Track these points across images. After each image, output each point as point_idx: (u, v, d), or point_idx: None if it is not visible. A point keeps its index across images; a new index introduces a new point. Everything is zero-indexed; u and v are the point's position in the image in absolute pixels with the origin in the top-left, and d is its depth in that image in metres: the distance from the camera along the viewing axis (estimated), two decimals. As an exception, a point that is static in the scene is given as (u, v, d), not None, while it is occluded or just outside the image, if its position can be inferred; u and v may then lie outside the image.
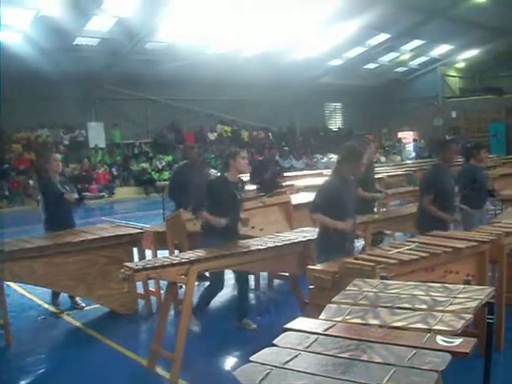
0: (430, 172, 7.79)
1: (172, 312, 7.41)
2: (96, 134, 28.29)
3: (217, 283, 6.85)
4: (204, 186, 7.02)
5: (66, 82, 24.62)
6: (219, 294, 7.06)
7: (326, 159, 32.04)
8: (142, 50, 26.21)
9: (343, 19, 26.55)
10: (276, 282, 9.17)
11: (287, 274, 7.56)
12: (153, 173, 27.64)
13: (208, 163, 27.92)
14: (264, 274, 9.14)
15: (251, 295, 8.72)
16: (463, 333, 3.11)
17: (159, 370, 5.91)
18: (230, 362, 6.24)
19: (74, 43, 24.53)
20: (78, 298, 8.33)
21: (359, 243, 8.58)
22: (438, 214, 7.25)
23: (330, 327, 3.18)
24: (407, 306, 3.47)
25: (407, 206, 11.18)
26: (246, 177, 15.13)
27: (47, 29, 21.40)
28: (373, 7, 25.25)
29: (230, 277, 7.31)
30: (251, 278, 9.13)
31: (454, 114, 37.78)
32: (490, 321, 3.81)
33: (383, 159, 33.46)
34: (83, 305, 8.29)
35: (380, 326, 3.21)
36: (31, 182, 23.31)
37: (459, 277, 5.33)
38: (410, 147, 38.34)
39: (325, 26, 27.46)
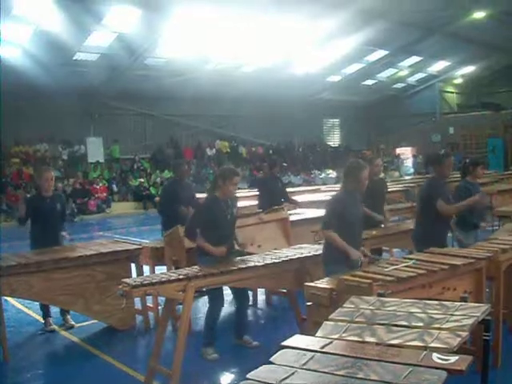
0: (433, 182, 7.73)
1: (170, 328, 7.41)
2: (95, 149, 28.32)
3: (216, 301, 6.75)
4: (192, 203, 6.99)
5: (65, 97, 24.70)
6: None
7: (323, 175, 32.11)
8: (142, 65, 26.30)
9: (341, 36, 26.69)
10: (274, 298, 9.18)
11: (285, 290, 7.56)
12: (151, 188, 27.63)
13: (206, 179, 27.95)
14: (262, 290, 9.14)
15: (249, 311, 8.72)
16: (461, 350, 3.12)
17: (157, 387, 5.91)
18: (227, 379, 6.23)
19: (74, 58, 24.63)
20: (69, 316, 8.28)
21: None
22: (459, 205, 7.44)
23: (327, 344, 3.18)
24: (404, 323, 3.47)
25: (405, 222, 11.17)
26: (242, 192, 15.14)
27: (47, 44, 21.49)
28: (371, 24, 25.40)
29: (227, 292, 7.29)
30: (249, 294, 9.15)
31: (451, 130, 37.88)
32: (487, 338, 3.82)
33: (382, 175, 33.42)
34: (72, 323, 8.22)
35: (377, 344, 3.21)
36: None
37: (457, 293, 5.34)
38: (408, 163, 38.41)
39: (323, 43, 27.61)
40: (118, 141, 29.15)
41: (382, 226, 9.11)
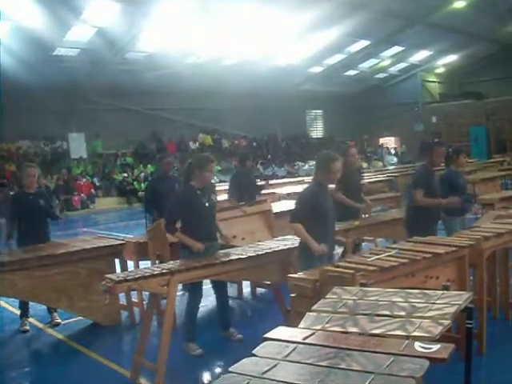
0: (422, 169, 7.86)
1: (155, 323, 7.39)
2: (77, 145, 28.18)
3: (195, 295, 6.75)
4: (172, 197, 6.95)
5: (46, 93, 24.55)
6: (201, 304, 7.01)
7: (307, 166, 32.05)
8: (123, 59, 26.19)
9: (323, 26, 26.64)
10: (259, 290, 9.19)
11: (269, 282, 7.56)
12: (135, 183, 27.55)
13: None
14: (247, 283, 9.15)
15: (235, 304, 8.72)
16: (445, 338, 3.13)
17: (143, 381, 5.89)
18: (212, 372, 6.23)
19: (54, 54, 24.44)
20: (55, 314, 8.24)
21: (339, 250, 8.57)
22: (434, 203, 7.37)
23: (310, 336, 3.18)
24: (386, 313, 3.47)
25: (389, 211, 11.21)
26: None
27: (26, 40, 21.25)
28: (352, 14, 25.39)
29: (210, 286, 7.30)
30: (234, 286, 9.16)
31: (434, 119, 37.99)
32: (469, 326, 3.84)
33: (365, 165, 33.57)
34: (59, 320, 8.18)
35: (359, 334, 3.22)
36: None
37: (439, 282, 5.36)
38: (391, 152, 38.52)
39: (305, 34, 27.57)
40: (99, 136, 29.01)
41: (365, 215, 9.12)
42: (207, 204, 6.71)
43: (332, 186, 7.16)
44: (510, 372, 5.63)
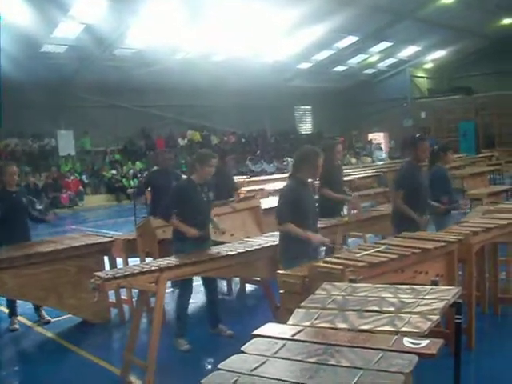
0: (404, 168, 7.85)
1: (145, 320, 7.38)
2: (65, 142, 28.01)
3: (185, 290, 6.75)
4: (171, 190, 6.98)
5: (34, 90, 24.35)
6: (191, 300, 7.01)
7: (296, 162, 31.96)
8: (111, 56, 26.04)
9: (311, 22, 26.61)
10: (248, 286, 9.18)
11: (259, 278, 7.56)
12: (124, 180, 27.46)
13: (179, 168, 27.84)
14: (236, 279, 9.14)
15: (224, 300, 8.71)
16: (434, 333, 3.14)
17: (133, 379, 5.88)
18: (202, 369, 6.22)
19: (41, 50, 24.25)
20: (43, 312, 8.21)
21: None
22: (408, 213, 7.28)
23: (298, 332, 3.18)
24: (375, 308, 3.48)
25: (378, 207, 11.22)
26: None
27: (13, 36, 21.09)
28: (340, 10, 25.37)
29: (200, 283, 7.29)
30: (223, 283, 9.15)
31: (423, 115, 38.02)
32: (458, 321, 3.84)
33: (354, 161, 33.60)
34: (48, 318, 8.15)
35: (348, 330, 3.22)
36: None
37: (429, 277, 5.37)
38: (380, 148, 38.55)
39: (293, 30, 27.52)
40: (88, 133, 28.86)
41: (353, 211, 9.09)
42: (205, 200, 6.77)
43: (311, 180, 7.12)
44: (499, 367, 5.65)
